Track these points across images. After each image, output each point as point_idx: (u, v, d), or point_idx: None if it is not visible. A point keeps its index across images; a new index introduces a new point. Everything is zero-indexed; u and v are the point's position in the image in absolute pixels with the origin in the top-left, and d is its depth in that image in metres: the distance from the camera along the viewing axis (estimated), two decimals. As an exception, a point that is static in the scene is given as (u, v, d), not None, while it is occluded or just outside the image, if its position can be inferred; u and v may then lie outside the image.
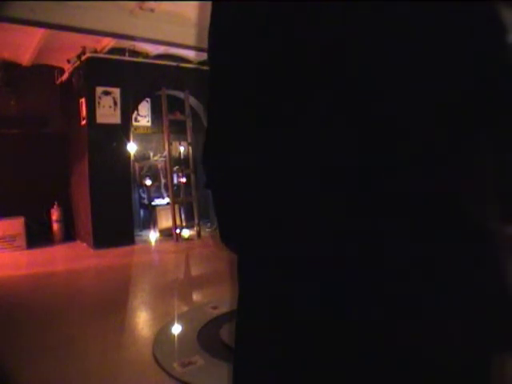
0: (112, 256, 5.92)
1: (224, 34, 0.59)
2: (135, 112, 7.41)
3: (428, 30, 0.50)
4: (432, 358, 0.51)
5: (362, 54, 0.51)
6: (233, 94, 0.58)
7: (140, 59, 6.60)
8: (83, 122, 6.44)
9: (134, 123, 7.51)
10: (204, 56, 5.73)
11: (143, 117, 7.85)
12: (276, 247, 0.56)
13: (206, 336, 2.96)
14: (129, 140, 6.76)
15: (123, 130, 6.62)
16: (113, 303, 3.88)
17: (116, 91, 6.44)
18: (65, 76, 7.00)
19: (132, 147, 6.93)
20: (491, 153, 0.52)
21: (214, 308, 3.45)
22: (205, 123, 6.63)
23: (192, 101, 7.17)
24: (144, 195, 7.74)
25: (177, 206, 7.07)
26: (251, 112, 0.56)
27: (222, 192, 0.60)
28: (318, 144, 0.53)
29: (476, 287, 0.53)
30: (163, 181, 7.80)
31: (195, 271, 5.45)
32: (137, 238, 6.88)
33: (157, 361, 2.60)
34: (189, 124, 7.12)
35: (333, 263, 0.52)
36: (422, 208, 0.51)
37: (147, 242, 7.04)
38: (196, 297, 4.29)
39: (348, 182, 0.52)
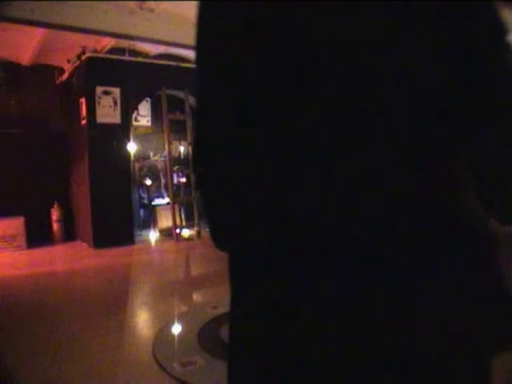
0: (112, 256, 5.92)
1: (217, 35, 0.58)
2: (135, 112, 7.41)
3: (428, 30, 0.50)
4: (431, 358, 0.51)
5: (361, 53, 0.51)
6: (226, 93, 0.58)
7: (140, 59, 6.60)
8: (83, 122, 6.44)
9: (134, 123, 7.51)
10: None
11: (143, 117, 7.86)
12: (268, 247, 0.56)
13: (206, 336, 2.96)
14: (129, 140, 6.76)
15: (123, 129, 6.62)
16: (113, 303, 3.88)
17: (116, 91, 6.44)
18: (65, 76, 7.00)
19: (132, 147, 6.93)
20: (491, 152, 0.52)
21: (214, 308, 3.45)
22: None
23: (192, 100, 7.16)
24: (144, 195, 7.75)
25: (177, 206, 7.07)
26: (245, 112, 0.56)
27: (214, 192, 0.60)
28: (315, 144, 0.53)
29: (475, 287, 0.53)
30: (163, 181, 7.81)
31: (195, 271, 5.45)
32: (137, 238, 6.88)
33: (157, 361, 2.60)
34: (189, 124, 7.12)
35: (325, 264, 0.52)
36: (421, 208, 0.51)
37: (147, 241, 7.04)
38: (196, 297, 4.29)
39: (347, 182, 0.52)
